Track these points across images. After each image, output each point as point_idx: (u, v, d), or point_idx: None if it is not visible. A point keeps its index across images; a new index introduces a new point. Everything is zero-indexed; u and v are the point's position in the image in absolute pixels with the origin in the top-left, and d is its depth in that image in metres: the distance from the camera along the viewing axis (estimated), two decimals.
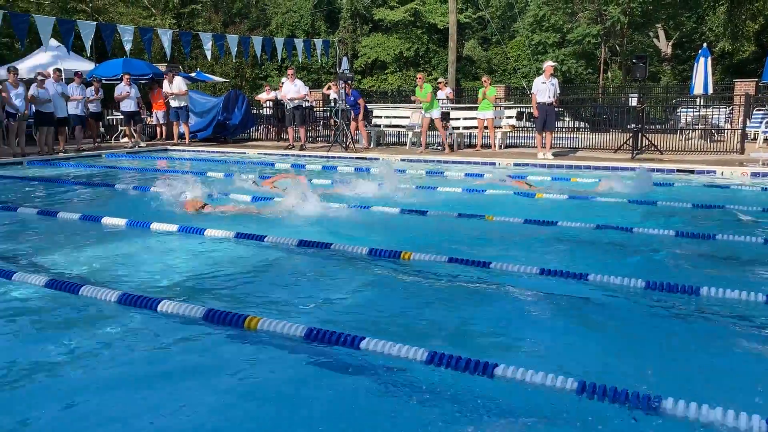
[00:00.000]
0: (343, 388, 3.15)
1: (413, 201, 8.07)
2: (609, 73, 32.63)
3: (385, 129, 16.60)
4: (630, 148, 12.97)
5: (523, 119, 18.47)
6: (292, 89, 15.27)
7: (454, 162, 12.70)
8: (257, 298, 4.53)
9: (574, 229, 6.46)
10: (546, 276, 4.73)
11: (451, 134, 15.08)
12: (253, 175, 9.23)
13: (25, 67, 17.32)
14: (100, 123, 17.19)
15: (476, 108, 14.83)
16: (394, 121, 16.40)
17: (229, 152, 15.17)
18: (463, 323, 4.02)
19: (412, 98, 15.05)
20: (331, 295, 4.59)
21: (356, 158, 13.52)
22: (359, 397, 3.03)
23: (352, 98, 14.75)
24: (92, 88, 15.56)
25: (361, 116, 14.96)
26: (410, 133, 15.68)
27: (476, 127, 14.90)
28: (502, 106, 16.11)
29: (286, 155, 14.44)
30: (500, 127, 15.05)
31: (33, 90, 13.48)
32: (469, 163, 12.50)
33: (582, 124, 17.43)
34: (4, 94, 13.10)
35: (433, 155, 13.58)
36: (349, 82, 15.02)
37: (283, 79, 16.29)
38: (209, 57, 20.26)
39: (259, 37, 20.86)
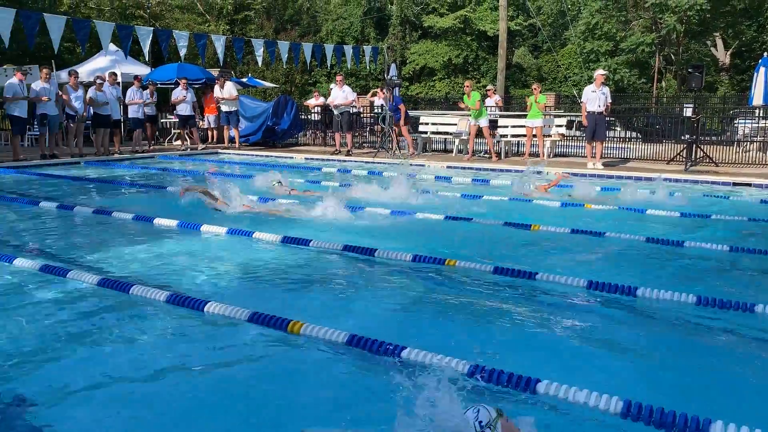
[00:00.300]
0: (382, 396, 3.14)
1: (459, 208, 8.04)
2: (663, 83, 31.84)
3: (431, 136, 16.58)
4: (684, 159, 12.62)
5: (573, 128, 18.18)
6: (340, 95, 15.41)
7: (500, 170, 12.58)
8: (301, 302, 4.57)
9: (625, 240, 6.32)
10: (594, 289, 4.63)
11: (498, 142, 14.96)
12: (276, 179, 9.44)
13: (85, 70, 17.99)
14: (155, 126, 17.68)
15: (525, 116, 14.67)
16: (441, 128, 16.36)
17: (277, 156, 15.40)
18: (506, 335, 3.97)
19: (460, 105, 14.98)
20: (374, 301, 4.60)
21: (402, 164, 13.51)
22: (399, 406, 3.02)
23: (393, 103, 14.80)
24: (147, 91, 16.01)
25: (402, 122, 14.98)
26: (457, 140, 15.61)
27: (525, 136, 14.73)
28: (551, 115, 15.89)
29: (333, 160, 14.56)
30: (549, 136, 14.84)
31: (91, 93, 13.99)
32: (517, 171, 12.35)
33: (634, 135, 17.04)
34: (65, 96, 13.63)
35: (479, 163, 13.48)
36: (396, 88, 15.06)
37: (332, 85, 16.46)
38: (260, 63, 20.62)
39: (309, 43, 21.13)
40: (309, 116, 19.73)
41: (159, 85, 17.93)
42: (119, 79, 15.88)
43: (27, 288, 4.73)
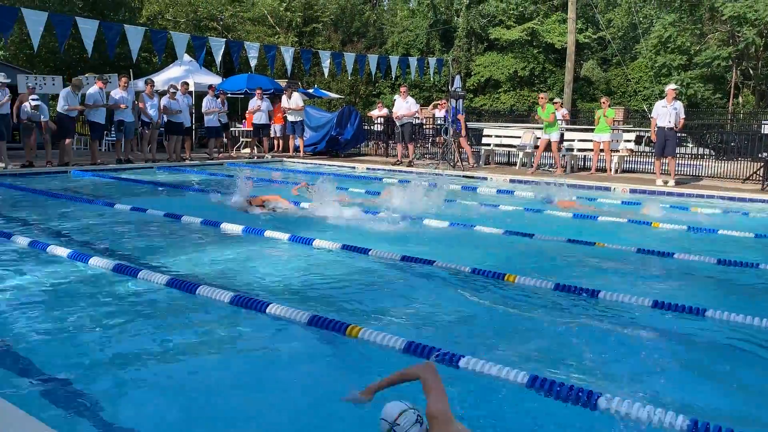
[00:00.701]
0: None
1: (520, 223, 7.96)
2: (740, 98, 30.56)
3: (495, 148, 16.46)
4: (761, 178, 12.06)
5: (642, 143, 17.68)
6: (403, 106, 15.51)
7: (565, 185, 12.34)
8: (359, 307, 4.62)
9: (695, 261, 6.09)
10: (659, 309, 4.48)
11: (564, 156, 14.70)
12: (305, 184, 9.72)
13: (161, 79, 18.75)
14: (227, 134, 18.25)
15: (592, 130, 14.38)
16: (505, 141, 16.22)
17: (339, 166, 15.60)
18: (566, 350, 3.89)
19: (536, 117, 14.76)
20: (432, 310, 4.60)
21: (463, 176, 13.48)
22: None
23: (451, 114, 14.77)
24: (219, 100, 16.55)
25: (462, 132, 14.92)
26: (520, 153, 15.44)
27: (591, 150, 14.42)
28: (620, 129, 15.51)
29: (394, 170, 14.65)
30: (617, 151, 14.48)
31: (165, 101, 14.59)
32: (582, 187, 12.10)
33: (707, 152, 16.43)
34: (141, 104, 14.28)
35: (543, 177, 13.27)
36: (460, 100, 15.04)
37: (396, 96, 16.60)
38: (326, 74, 21.01)
39: (374, 55, 21.39)
40: (372, 127, 19.94)
41: (229, 95, 18.51)
42: (191, 88, 16.48)
43: (101, 286, 4.95)
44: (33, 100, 12.39)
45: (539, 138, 14.50)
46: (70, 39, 16.43)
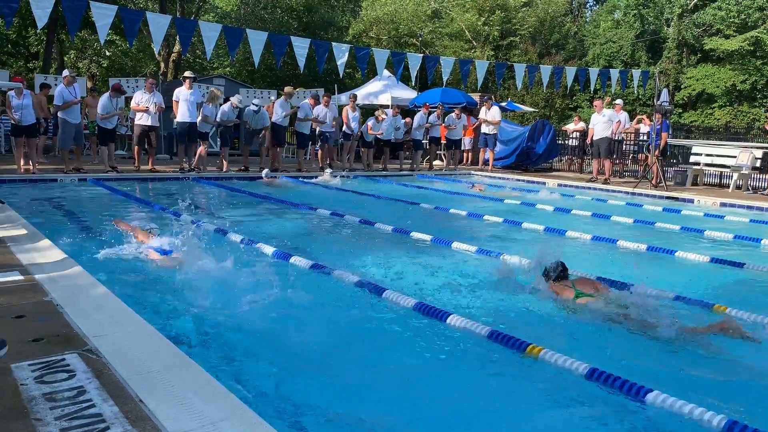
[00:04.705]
0: None
1: (729, 251, 7.21)
2: None
3: (704, 168, 15.04)
4: None
5: None
6: (600, 120, 14.80)
7: None
8: (539, 327, 4.50)
9: None
10: None
11: None
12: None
13: (361, 94, 19.91)
14: (436, 147, 18.85)
15: None
16: (717, 160, 14.77)
17: (528, 181, 15.30)
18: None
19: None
20: (622, 335, 4.33)
21: (666, 198, 12.49)
22: None
23: (656, 129, 13.70)
24: (434, 115, 17.14)
25: (656, 151, 13.78)
26: (735, 175, 13.94)
27: None
28: None
29: (587, 188, 14.02)
30: None
31: (370, 121, 15.85)
32: None
33: None
34: (344, 119, 15.55)
35: (763, 201, 11.85)
36: (667, 115, 13.98)
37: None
38: (519, 86, 20.78)
39: (572, 67, 20.69)
40: (566, 141, 19.30)
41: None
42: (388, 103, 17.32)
43: (297, 282, 5.36)
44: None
45: (759, 158, 12.99)
46: (284, 56, 18.09)
